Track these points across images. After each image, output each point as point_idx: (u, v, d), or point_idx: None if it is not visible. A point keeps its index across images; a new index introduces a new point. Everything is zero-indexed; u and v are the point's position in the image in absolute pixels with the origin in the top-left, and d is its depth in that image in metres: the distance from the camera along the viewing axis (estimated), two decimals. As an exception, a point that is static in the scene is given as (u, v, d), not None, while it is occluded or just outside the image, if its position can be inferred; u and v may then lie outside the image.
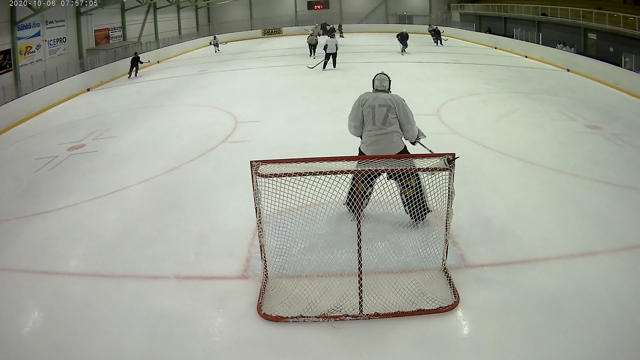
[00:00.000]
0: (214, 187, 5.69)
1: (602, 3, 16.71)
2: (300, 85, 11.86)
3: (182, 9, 26.61)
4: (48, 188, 6.12)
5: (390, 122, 4.17)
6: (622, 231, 4.28)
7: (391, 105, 4.20)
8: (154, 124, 8.99)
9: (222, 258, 4.12)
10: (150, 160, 6.82)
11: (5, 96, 11.07)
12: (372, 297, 3.35)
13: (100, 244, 4.52)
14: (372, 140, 4.23)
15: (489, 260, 3.92)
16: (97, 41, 19.42)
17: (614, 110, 8.92)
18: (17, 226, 5.07)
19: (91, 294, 3.74)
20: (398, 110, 4.21)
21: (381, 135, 4.19)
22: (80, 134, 8.70)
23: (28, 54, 15.20)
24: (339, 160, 3.32)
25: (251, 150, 6.73)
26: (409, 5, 29.57)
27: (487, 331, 3.14)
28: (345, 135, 7.37)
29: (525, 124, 7.80)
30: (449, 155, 3.47)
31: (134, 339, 3.21)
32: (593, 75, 12.31)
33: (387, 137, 4.17)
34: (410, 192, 3.92)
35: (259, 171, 3.18)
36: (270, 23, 28.79)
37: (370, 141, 4.25)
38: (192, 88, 12.60)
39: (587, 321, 3.17)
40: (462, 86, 11.03)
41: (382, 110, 4.17)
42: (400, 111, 4.21)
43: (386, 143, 4.15)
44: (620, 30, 14.63)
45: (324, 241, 3.63)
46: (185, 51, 22.62)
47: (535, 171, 5.75)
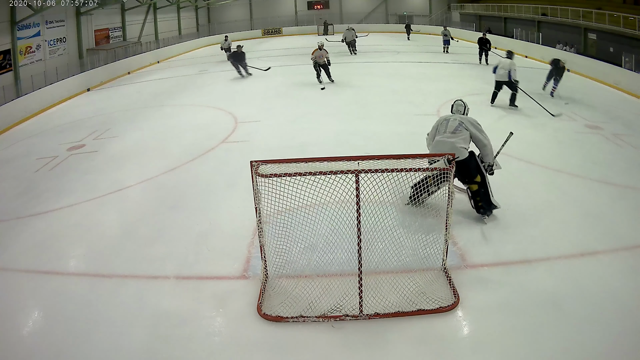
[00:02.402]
0: (214, 187, 5.69)
1: (602, 3, 16.71)
2: (300, 85, 11.86)
3: (182, 9, 26.60)
4: (48, 188, 6.12)
5: (459, 132, 4.48)
6: (622, 231, 4.28)
7: (463, 121, 4.55)
8: (154, 124, 8.99)
9: (222, 258, 4.12)
10: (150, 160, 6.82)
11: (5, 96, 11.05)
12: (372, 297, 3.35)
13: (100, 244, 4.52)
14: (437, 142, 4.51)
15: (489, 260, 3.92)
16: (97, 41, 19.40)
17: (614, 110, 8.91)
18: (17, 226, 5.07)
19: (91, 294, 3.75)
20: (469, 126, 4.51)
21: (446, 140, 4.46)
22: (80, 134, 8.69)
23: (28, 54, 15.19)
24: (339, 160, 3.32)
25: (251, 150, 6.73)
26: (409, 5, 29.56)
27: (487, 331, 3.14)
28: (345, 135, 7.42)
29: (526, 124, 7.80)
30: (449, 155, 3.48)
31: (134, 339, 3.21)
32: (593, 75, 12.30)
33: (451, 143, 4.40)
34: (474, 187, 4.41)
35: (259, 171, 3.18)
36: (270, 23, 28.78)
37: (435, 144, 4.53)
38: (192, 88, 12.60)
39: (587, 321, 3.18)
40: (462, 86, 11.03)
41: (454, 123, 4.54)
42: (471, 126, 4.51)
43: (449, 147, 4.35)
44: (620, 30, 14.63)
45: (324, 241, 3.62)
46: (185, 51, 22.60)
47: (535, 171, 5.75)
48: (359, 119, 8.38)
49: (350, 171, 3.14)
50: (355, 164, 3.32)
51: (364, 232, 3.27)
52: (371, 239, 3.43)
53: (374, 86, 11.29)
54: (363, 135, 7.28)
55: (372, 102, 9.61)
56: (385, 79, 12.20)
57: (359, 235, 3.20)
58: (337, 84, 11.64)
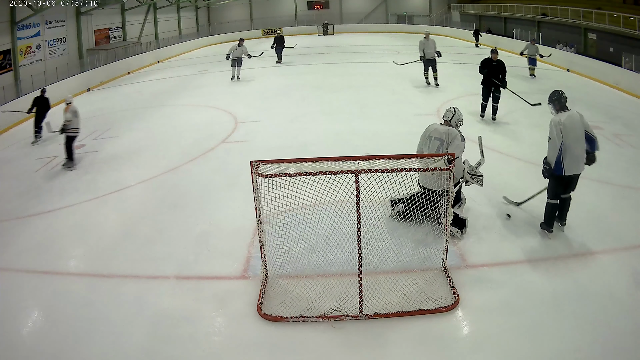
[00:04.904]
0: (214, 187, 5.69)
1: (602, 3, 16.70)
2: (300, 85, 11.86)
3: (182, 9, 26.59)
4: (48, 188, 6.12)
5: None
6: (622, 231, 4.28)
7: (444, 142, 4.28)
8: (154, 124, 8.99)
9: (222, 258, 4.12)
10: (150, 160, 6.82)
11: (5, 96, 11.06)
12: (372, 297, 3.35)
13: (100, 244, 4.52)
14: None
15: (489, 260, 3.92)
16: (97, 41, 19.40)
17: (614, 110, 8.91)
18: (17, 226, 5.07)
19: (91, 294, 3.75)
20: (449, 146, 4.26)
21: None
22: (81, 134, 8.67)
23: (28, 54, 15.19)
24: (339, 160, 3.32)
25: (251, 150, 6.72)
26: (409, 5, 29.54)
27: (487, 331, 3.14)
28: (345, 135, 7.42)
29: (526, 124, 7.80)
30: (449, 155, 3.48)
31: (134, 339, 3.21)
32: (593, 75, 12.30)
33: None
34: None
35: (259, 171, 3.18)
36: (270, 23, 28.75)
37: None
38: (192, 88, 12.60)
39: (587, 321, 3.18)
40: (462, 86, 11.03)
41: (435, 144, 4.31)
42: (450, 147, 4.26)
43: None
44: (620, 30, 14.61)
45: (324, 241, 3.62)
46: (185, 51, 22.60)
47: (535, 171, 5.73)
48: (359, 119, 8.38)
49: (350, 171, 3.14)
50: (355, 164, 3.32)
51: (364, 232, 3.27)
52: (371, 239, 3.43)
53: (374, 86, 11.29)
54: (363, 135, 7.28)
55: (372, 102, 9.61)
56: (385, 79, 12.20)
57: (359, 235, 3.20)
58: (336, 84, 11.62)
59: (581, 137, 4.01)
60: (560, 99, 4.10)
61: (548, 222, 4.24)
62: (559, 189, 4.13)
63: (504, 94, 8.15)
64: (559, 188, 4.13)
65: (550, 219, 4.23)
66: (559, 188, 4.13)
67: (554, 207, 4.18)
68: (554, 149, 3.96)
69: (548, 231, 4.23)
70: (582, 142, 4.03)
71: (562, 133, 3.92)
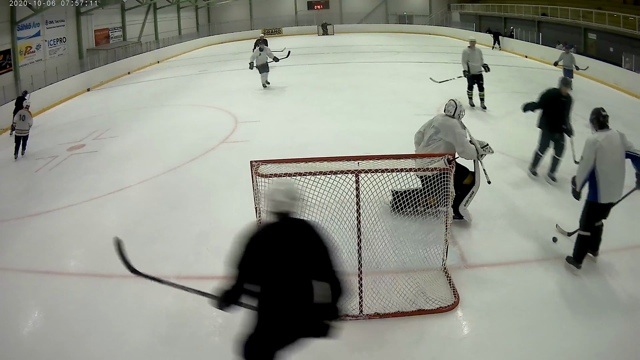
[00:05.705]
0: (214, 187, 5.69)
1: (602, 3, 16.69)
2: (300, 85, 11.86)
3: (182, 9, 26.60)
4: (48, 188, 6.12)
5: (432, 143, 4.42)
6: (622, 231, 4.28)
7: (440, 130, 4.40)
8: (154, 124, 8.99)
9: (222, 258, 4.10)
10: (150, 160, 6.82)
11: (5, 96, 11.07)
12: (372, 297, 3.35)
13: (100, 244, 4.51)
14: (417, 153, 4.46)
15: (489, 260, 3.92)
16: (97, 41, 19.40)
17: (614, 110, 8.80)
18: (17, 226, 5.07)
19: (91, 294, 3.75)
20: (444, 135, 4.36)
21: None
22: (80, 134, 8.69)
23: (28, 54, 15.19)
24: (339, 160, 3.32)
25: (251, 150, 6.72)
26: (408, 5, 29.55)
27: (487, 331, 3.14)
28: (345, 135, 7.42)
29: (526, 124, 7.77)
30: (449, 155, 3.48)
31: (134, 339, 3.21)
32: (593, 75, 12.30)
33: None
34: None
35: (259, 171, 3.18)
36: (270, 23, 28.75)
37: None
38: (192, 88, 12.60)
39: (587, 321, 3.18)
40: (462, 86, 11.00)
41: (431, 131, 4.46)
42: (446, 136, 4.35)
43: None
44: (620, 30, 14.61)
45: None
46: (185, 51, 22.61)
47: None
48: (359, 119, 8.37)
49: (350, 171, 3.14)
50: (355, 164, 3.32)
51: (364, 232, 3.27)
52: (371, 239, 3.43)
53: (374, 86, 11.29)
54: (363, 135, 7.27)
55: (372, 102, 9.60)
56: (385, 79, 12.20)
57: (359, 235, 3.20)
58: (337, 84, 11.62)
59: (621, 161, 3.57)
60: (599, 117, 3.73)
61: (578, 258, 3.68)
62: (594, 218, 3.61)
63: None
64: (594, 217, 3.61)
65: (582, 254, 3.67)
66: (594, 217, 3.61)
67: (587, 240, 3.65)
68: (583, 170, 3.55)
69: (577, 267, 3.67)
70: (622, 167, 3.57)
71: (597, 155, 3.51)
